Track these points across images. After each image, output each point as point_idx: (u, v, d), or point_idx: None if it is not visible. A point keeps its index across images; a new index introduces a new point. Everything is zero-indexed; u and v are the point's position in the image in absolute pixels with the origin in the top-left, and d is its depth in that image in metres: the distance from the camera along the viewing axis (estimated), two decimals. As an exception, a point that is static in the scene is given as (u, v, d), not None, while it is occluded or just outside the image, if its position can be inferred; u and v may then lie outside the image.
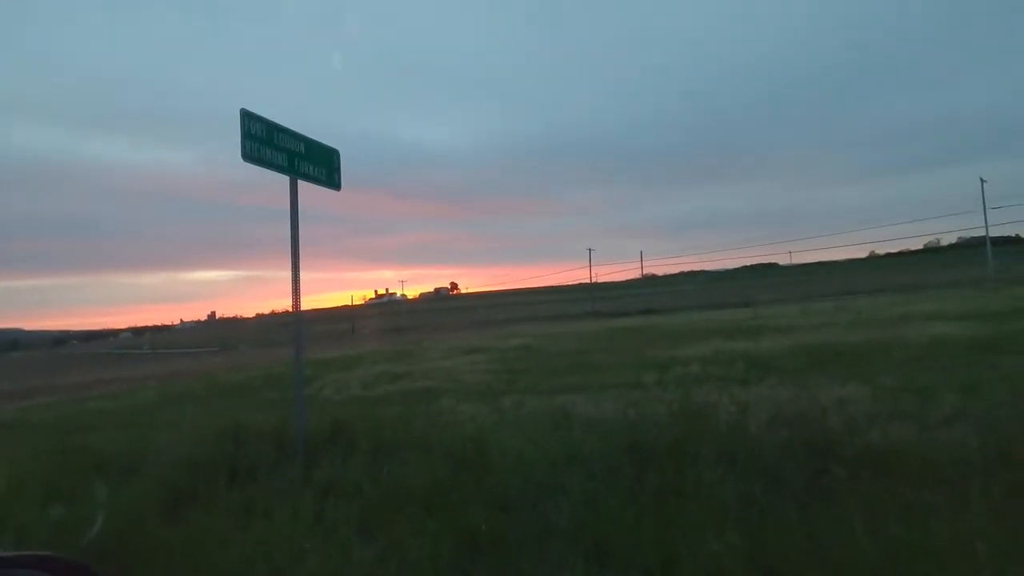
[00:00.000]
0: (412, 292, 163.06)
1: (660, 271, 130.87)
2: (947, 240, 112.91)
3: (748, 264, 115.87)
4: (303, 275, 4.83)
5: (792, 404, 4.83)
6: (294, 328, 4.92)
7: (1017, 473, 2.90)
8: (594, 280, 71.63)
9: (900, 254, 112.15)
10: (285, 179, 4.79)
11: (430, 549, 2.68)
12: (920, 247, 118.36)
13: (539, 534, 2.75)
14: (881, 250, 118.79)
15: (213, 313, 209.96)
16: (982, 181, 44.24)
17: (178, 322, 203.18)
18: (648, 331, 21.00)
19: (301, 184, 4.92)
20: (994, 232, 47.03)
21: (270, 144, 4.59)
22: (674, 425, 4.22)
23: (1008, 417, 3.89)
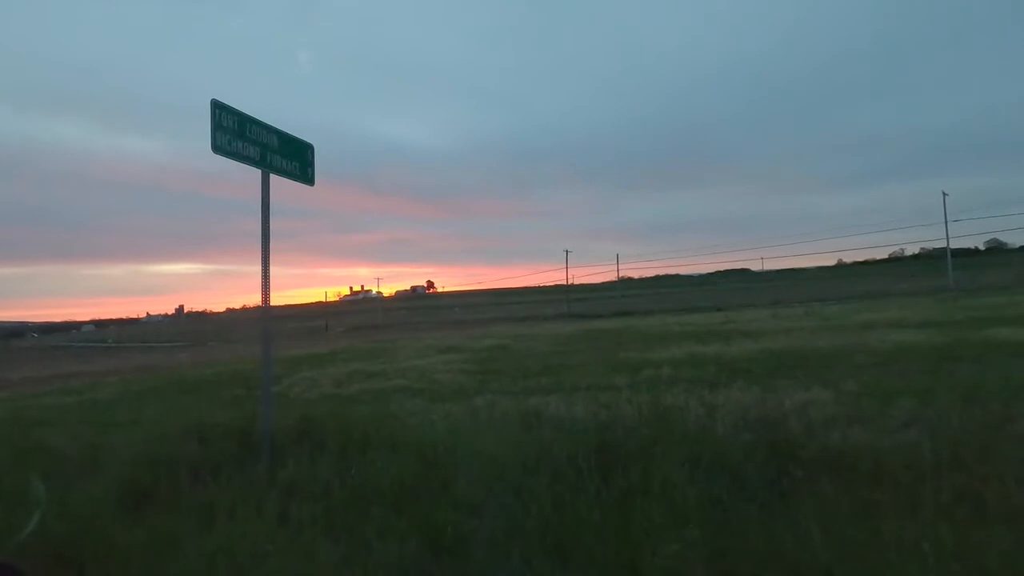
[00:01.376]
0: (388, 290, 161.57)
1: (636, 274, 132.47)
2: (911, 250, 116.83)
3: (721, 269, 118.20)
4: (275, 270, 4.76)
5: (757, 407, 4.94)
6: (263, 324, 4.83)
7: (965, 476, 3.02)
8: (570, 282, 72.10)
9: (866, 263, 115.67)
10: (257, 171, 4.71)
11: (396, 550, 2.67)
12: (885, 256, 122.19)
13: (505, 535, 2.76)
14: (848, 258, 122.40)
15: (181, 307, 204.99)
16: (944, 194, 45.96)
17: (144, 315, 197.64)
18: (622, 333, 21.22)
19: (274, 178, 4.84)
20: (955, 244, 48.96)
21: (242, 136, 4.49)
22: (643, 427, 4.28)
23: (959, 422, 4.05)
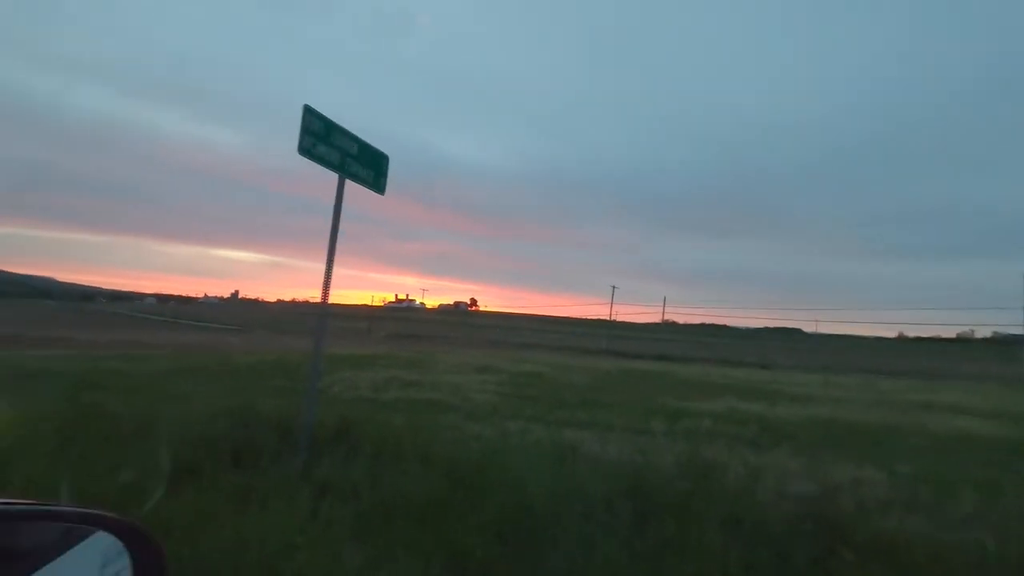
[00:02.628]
0: (432, 302, 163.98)
1: (681, 319, 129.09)
2: (981, 333, 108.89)
3: (771, 326, 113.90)
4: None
5: (804, 477, 4.69)
6: (318, 321, 4.99)
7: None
8: (613, 318, 71.21)
9: (930, 339, 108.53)
10: (324, 173, 4.81)
11: (421, 566, 2.66)
12: (952, 336, 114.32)
13: (531, 567, 2.71)
14: (911, 332, 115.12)
15: (236, 292, 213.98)
16: (1026, 278, 42.96)
17: (202, 295, 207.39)
18: (662, 377, 20.71)
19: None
20: (1033, 331, 45.42)
21: (326, 142, 4.72)
22: (681, 478, 4.14)
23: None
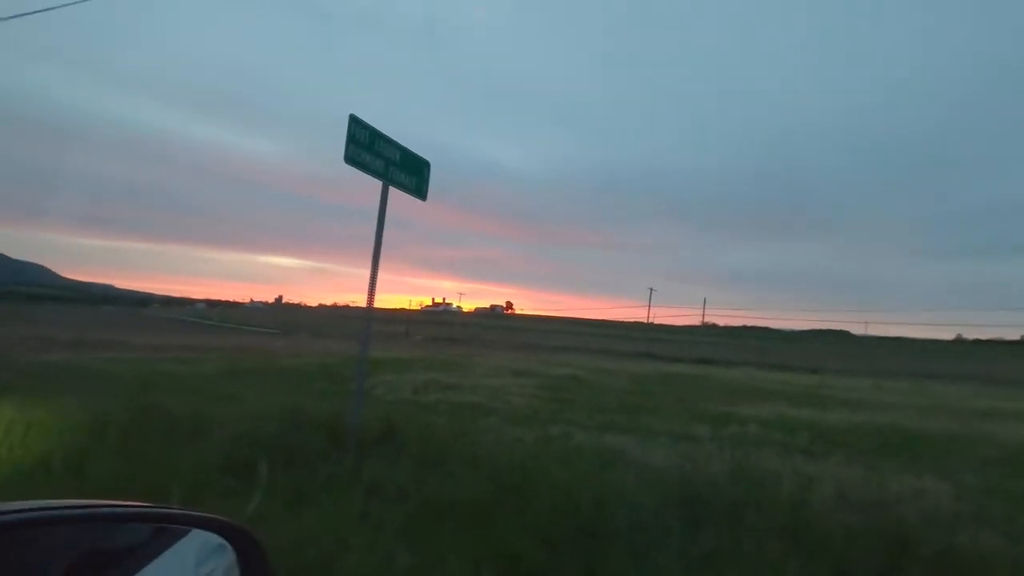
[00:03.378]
0: (468, 305, 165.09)
1: (722, 322, 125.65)
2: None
3: (817, 328, 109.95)
4: (365, 273, 4.97)
5: (862, 487, 4.50)
6: (364, 325, 5.09)
7: None
8: (651, 321, 70.13)
9: (991, 342, 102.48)
10: (365, 180, 4.88)
11: (471, 569, 2.67)
12: (1016, 338, 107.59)
13: (582, 575, 2.69)
14: (970, 335, 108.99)
15: (280, 297, 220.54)
16: (1100, 276, 40.11)
17: (248, 300, 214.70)
18: (704, 381, 20.25)
19: (365, 184, 4.97)
20: (1108, 334, 42.39)
21: (370, 150, 4.82)
22: (732, 487, 4.03)
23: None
